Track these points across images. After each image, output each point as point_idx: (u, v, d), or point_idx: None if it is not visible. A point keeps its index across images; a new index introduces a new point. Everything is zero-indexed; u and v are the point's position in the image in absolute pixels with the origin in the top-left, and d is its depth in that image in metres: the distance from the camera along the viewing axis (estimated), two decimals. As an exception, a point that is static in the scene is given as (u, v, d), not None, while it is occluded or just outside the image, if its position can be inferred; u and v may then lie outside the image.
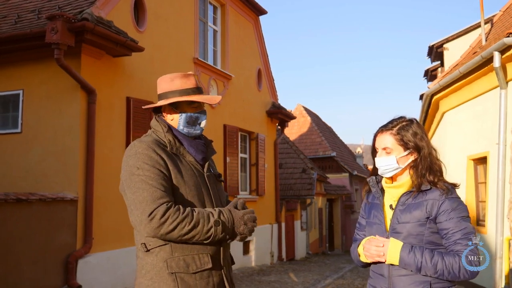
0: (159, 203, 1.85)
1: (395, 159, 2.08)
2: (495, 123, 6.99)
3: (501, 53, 6.46)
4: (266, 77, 13.54)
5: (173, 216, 1.84)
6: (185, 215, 1.86)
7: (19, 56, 6.88)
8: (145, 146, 1.97)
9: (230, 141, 11.08)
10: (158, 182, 1.89)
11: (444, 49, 12.47)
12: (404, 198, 2.07)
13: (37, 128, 6.76)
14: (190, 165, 2.07)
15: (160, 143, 2.03)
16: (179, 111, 2.09)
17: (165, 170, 1.94)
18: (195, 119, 2.11)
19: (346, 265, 14.08)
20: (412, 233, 2.00)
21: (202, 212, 1.92)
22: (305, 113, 25.38)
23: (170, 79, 2.10)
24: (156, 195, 1.86)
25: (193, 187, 2.01)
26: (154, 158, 1.93)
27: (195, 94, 2.10)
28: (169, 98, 2.08)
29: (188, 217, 1.86)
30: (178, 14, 9.27)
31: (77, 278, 6.28)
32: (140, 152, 1.95)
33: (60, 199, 6.23)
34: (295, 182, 17.25)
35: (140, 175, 1.90)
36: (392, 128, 2.11)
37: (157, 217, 1.83)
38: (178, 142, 2.08)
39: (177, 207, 1.88)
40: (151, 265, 1.93)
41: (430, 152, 2.08)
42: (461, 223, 1.98)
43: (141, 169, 1.91)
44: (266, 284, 9.32)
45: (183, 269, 1.91)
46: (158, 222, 1.83)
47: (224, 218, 1.94)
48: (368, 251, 2.06)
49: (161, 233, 1.85)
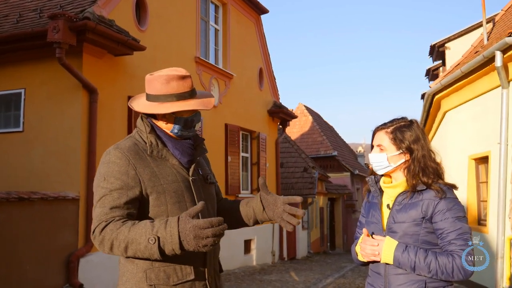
0: (100, 221, 1.75)
1: (385, 157, 2.12)
2: (496, 123, 6.98)
3: (503, 53, 6.45)
4: (267, 76, 13.54)
5: (109, 232, 1.73)
6: (120, 230, 1.72)
7: (20, 55, 6.89)
8: (119, 154, 1.85)
9: (232, 140, 11.09)
10: (113, 197, 1.78)
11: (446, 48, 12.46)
12: (401, 198, 2.10)
13: (38, 127, 6.78)
14: (174, 169, 1.94)
15: (140, 147, 1.92)
16: (175, 115, 1.96)
17: (134, 181, 1.82)
18: (190, 122, 2.00)
19: (347, 264, 14.08)
20: (408, 233, 2.02)
21: (141, 226, 1.72)
22: (307, 112, 25.37)
23: (166, 80, 1.93)
24: (103, 211, 1.77)
25: (173, 193, 1.87)
26: (124, 169, 1.82)
27: (192, 98, 1.98)
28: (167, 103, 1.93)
29: (121, 234, 1.71)
30: (179, 13, 9.27)
31: (79, 277, 6.29)
32: (112, 161, 1.84)
33: (62, 198, 6.24)
34: (297, 181, 17.25)
35: (102, 188, 1.81)
36: (389, 127, 2.16)
37: (96, 235, 1.75)
38: (161, 144, 1.95)
39: (115, 223, 1.74)
40: (131, 273, 1.84)
41: (424, 155, 2.09)
42: (456, 223, 1.98)
43: (106, 180, 1.81)
44: (267, 283, 9.33)
45: (163, 280, 1.80)
46: (98, 240, 1.75)
47: (164, 231, 1.67)
48: (364, 250, 2.10)
49: (105, 251, 1.76)
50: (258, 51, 13.11)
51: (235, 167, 11.25)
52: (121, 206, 1.79)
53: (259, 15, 13.06)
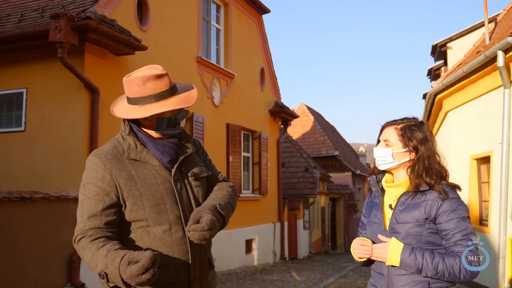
0: (78, 231, 1.81)
1: (391, 152, 2.10)
2: (498, 123, 6.97)
3: (505, 53, 6.44)
4: (269, 76, 13.54)
5: (80, 249, 1.80)
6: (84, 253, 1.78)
7: (22, 55, 6.90)
8: (96, 160, 1.86)
9: (233, 140, 11.09)
10: (90, 204, 1.81)
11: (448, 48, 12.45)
12: (404, 198, 2.08)
13: (40, 126, 6.78)
14: (154, 171, 1.89)
15: (120, 149, 1.90)
16: (157, 116, 1.90)
17: (110, 187, 1.82)
18: (174, 120, 1.94)
19: (348, 264, 14.07)
20: (411, 233, 2.01)
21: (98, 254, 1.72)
22: (308, 112, 25.37)
23: (142, 82, 1.87)
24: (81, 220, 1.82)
25: (151, 197, 1.83)
26: (100, 175, 1.83)
27: (172, 95, 1.91)
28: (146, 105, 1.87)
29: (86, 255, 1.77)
30: (181, 13, 9.28)
31: (80, 277, 6.30)
32: (90, 167, 1.86)
33: (64, 198, 6.25)
34: (298, 181, 17.24)
35: (82, 194, 1.85)
36: (399, 123, 2.15)
37: (75, 243, 1.82)
38: (141, 145, 1.91)
39: (85, 240, 1.78)
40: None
41: (429, 156, 2.08)
42: (461, 224, 1.97)
43: (84, 187, 1.85)
44: (268, 283, 9.33)
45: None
46: (76, 248, 1.82)
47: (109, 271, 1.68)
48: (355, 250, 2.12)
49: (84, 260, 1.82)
50: (260, 50, 13.11)
51: (237, 167, 11.25)
52: (98, 214, 1.80)
53: (260, 15, 13.06)
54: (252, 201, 12.10)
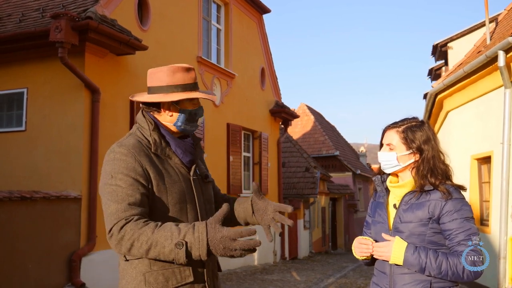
0: (119, 218, 1.69)
1: (395, 156, 2.11)
2: (499, 123, 6.97)
3: (505, 52, 6.44)
4: (269, 76, 13.54)
5: (130, 231, 1.67)
6: (142, 231, 1.67)
7: (23, 55, 6.90)
8: (124, 151, 1.80)
9: (234, 140, 11.09)
10: (127, 193, 1.73)
11: (448, 48, 12.44)
12: (408, 197, 2.09)
13: (41, 126, 6.79)
14: (175, 169, 1.90)
15: (143, 144, 1.86)
16: (180, 107, 1.92)
17: (142, 178, 1.77)
18: (194, 115, 1.96)
19: (349, 264, 14.07)
20: (414, 233, 2.01)
21: (166, 229, 1.68)
22: (309, 112, 25.37)
23: (172, 71, 1.91)
24: (120, 208, 1.71)
25: (175, 194, 1.84)
26: (131, 166, 1.77)
27: (195, 90, 1.96)
28: (173, 93, 1.90)
29: (145, 234, 1.67)
30: (181, 12, 9.28)
31: (81, 276, 6.30)
32: (117, 158, 1.78)
33: (64, 198, 6.25)
34: (298, 181, 17.24)
35: (112, 185, 1.75)
36: (400, 126, 2.15)
37: (115, 233, 1.69)
38: (164, 142, 1.91)
39: (136, 222, 1.69)
40: (131, 277, 1.81)
41: (434, 155, 2.08)
42: (465, 224, 1.98)
43: (114, 177, 1.75)
44: (268, 283, 9.32)
45: (162, 284, 1.77)
46: (116, 238, 1.69)
47: (192, 237, 1.65)
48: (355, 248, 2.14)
49: (122, 251, 1.71)
50: (260, 50, 13.10)
51: (237, 166, 11.25)
52: (137, 203, 1.74)
53: (261, 15, 13.06)
54: (252, 201, 12.09)
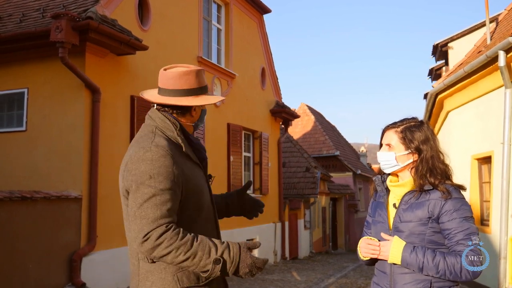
0: (158, 224, 1.69)
1: (394, 156, 2.12)
2: (499, 123, 6.96)
3: (506, 52, 6.43)
4: (270, 76, 13.54)
5: (170, 240, 1.69)
6: (183, 242, 1.70)
7: (24, 55, 6.90)
8: (162, 152, 1.77)
9: (234, 140, 11.09)
10: (166, 198, 1.72)
11: (449, 48, 12.44)
12: (407, 197, 2.10)
13: (41, 126, 6.79)
14: (196, 169, 1.94)
15: (173, 145, 1.86)
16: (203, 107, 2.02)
17: (178, 182, 1.78)
18: (204, 113, 2.07)
19: (349, 264, 14.07)
20: (414, 232, 2.02)
21: (204, 243, 1.74)
22: (309, 112, 25.36)
23: (197, 74, 1.96)
24: (158, 214, 1.70)
25: (196, 195, 1.88)
26: (170, 169, 1.75)
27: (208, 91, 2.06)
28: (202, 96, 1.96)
29: (185, 246, 1.70)
30: (182, 12, 9.28)
31: (82, 276, 6.30)
32: (156, 159, 1.75)
33: (65, 198, 6.25)
34: (299, 181, 17.23)
35: (150, 187, 1.72)
36: (399, 126, 2.16)
37: (152, 238, 1.68)
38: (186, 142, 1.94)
39: (176, 231, 1.71)
40: (159, 278, 1.80)
41: (432, 155, 2.09)
42: (464, 223, 1.98)
43: (153, 179, 1.72)
44: (269, 283, 9.32)
45: (194, 282, 1.81)
46: (153, 244, 1.69)
47: (228, 257, 1.77)
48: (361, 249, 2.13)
49: (154, 255, 1.72)
50: (261, 50, 13.10)
51: (237, 166, 11.25)
52: (174, 209, 1.75)
53: (261, 15, 13.06)
54: (253, 201, 12.09)
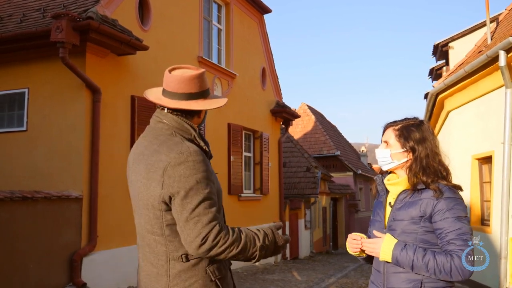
0: (212, 226, 1.79)
1: (389, 153, 2.17)
2: (500, 122, 6.96)
3: (506, 52, 6.43)
4: (270, 75, 13.54)
5: (224, 238, 1.80)
6: (234, 238, 1.83)
7: (24, 55, 6.91)
8: (201, 157, 1.84)
9: (234, 140, 11.09)
10: (213, 200, 1.83)
11: (449, 48, 12.43)
12: (402, 196, 2.12)
13: (42, 126, 6.79)
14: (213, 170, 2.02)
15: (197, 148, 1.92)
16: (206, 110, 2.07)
17: (214, 183, 1.88)
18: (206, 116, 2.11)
19: (350, 264, 14.07)
20: (406, 231, 2.04)
21: (249, 235, 1.90)
22: (309, 112, 25.37)
23: (203, 77, 2.00)
24: (210, 217, 1.79)
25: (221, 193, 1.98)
26: (209, 173, 1.85)
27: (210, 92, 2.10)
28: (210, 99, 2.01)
29: (237, 241, 1.84)
30: (182, 12, 9.28)
31: (82, 276, 6.31)
32: (198, 164, 1.81)
33: (65, 198, 6.25)
34: (299, 181, 17.24)
35: (198, 191, 1.79)
36: (398, 124, 2.21)
37: (210, 240, 1.78)
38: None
39: (227, 229, 1.83)
40: (192, 275, 1.88)
41: (427, 155, 2.10)
42: (456, 223, 1.97)
43: (200, 184, 1.80)
44: (270, 283, 9.33)
45: (222, 274, 1.96)
46: (210, 244, 1.78)
47: (268, 241, 1.95)
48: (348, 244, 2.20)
49: (210, 255, 1.82)
50: (261, 50, 13.10)
51: (238, 166, 11.25)
52: (219, 209, 1.85)
53: (262, 15, 13.06)
54: (253, 201, 12.11)
